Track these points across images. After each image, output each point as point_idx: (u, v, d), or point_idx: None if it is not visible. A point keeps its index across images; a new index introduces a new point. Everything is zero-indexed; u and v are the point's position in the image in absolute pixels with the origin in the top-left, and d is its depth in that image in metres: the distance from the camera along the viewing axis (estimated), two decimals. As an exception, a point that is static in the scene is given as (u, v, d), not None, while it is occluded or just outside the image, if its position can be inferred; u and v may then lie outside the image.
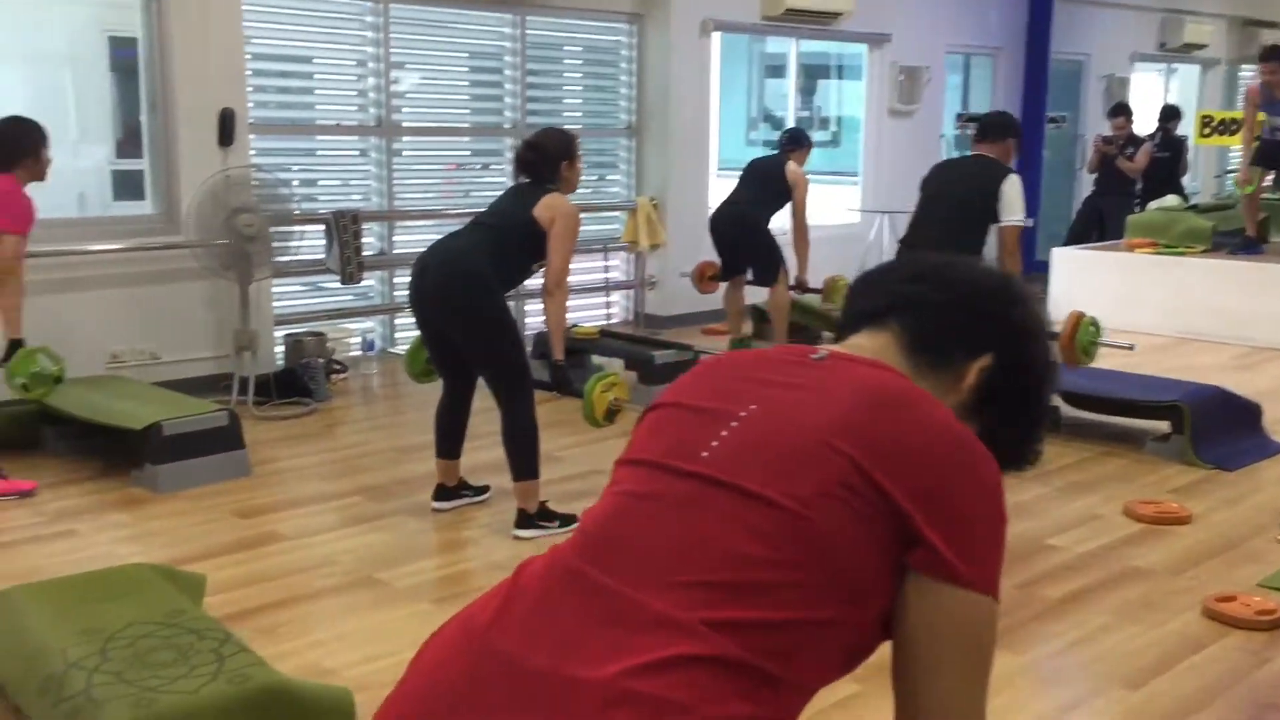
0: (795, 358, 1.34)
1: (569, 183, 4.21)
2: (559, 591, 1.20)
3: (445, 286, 4.01)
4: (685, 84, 8.02)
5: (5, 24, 6.13)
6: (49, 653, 2.61)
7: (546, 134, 4.32)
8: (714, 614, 1.13)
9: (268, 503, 4.49)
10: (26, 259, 4.55)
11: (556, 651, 1.14)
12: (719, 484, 1.21)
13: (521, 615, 1.19)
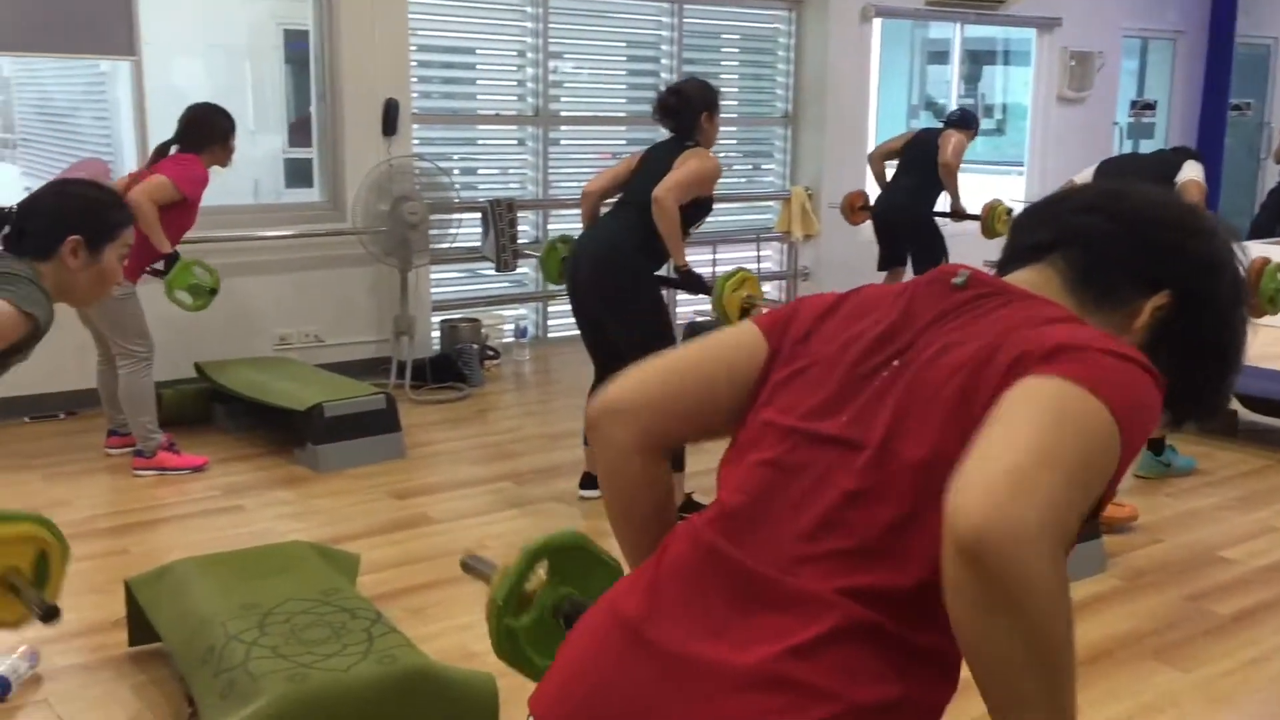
0: (940, 291, 1.23)
1: (707, 136, 4.14)
2: (704, 574, 1.17)
3: (597, 275, 4.02)
4: (843, 71, 7.87)
5: (192, 17, 6.42)
6: (211, 624, 2.72)
7: (690, 82, 4.26)
8: (850, 581, 1.09)
9: (421, 485, 4.60)
10: (208, 243, 4.73)
11: (706, 637, 1.12)
12: (859, 448, 1.14)
13: (669, 602, 1.17)
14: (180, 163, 4.53)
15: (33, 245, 2.21)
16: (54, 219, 2.23)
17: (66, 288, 2.24)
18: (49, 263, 2.21)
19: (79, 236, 2.22)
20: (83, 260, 2.23)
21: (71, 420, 5.27)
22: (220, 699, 2.50)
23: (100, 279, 2.29)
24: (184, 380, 5.25)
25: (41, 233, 2.21)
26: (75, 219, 2.23)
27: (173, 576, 3.03)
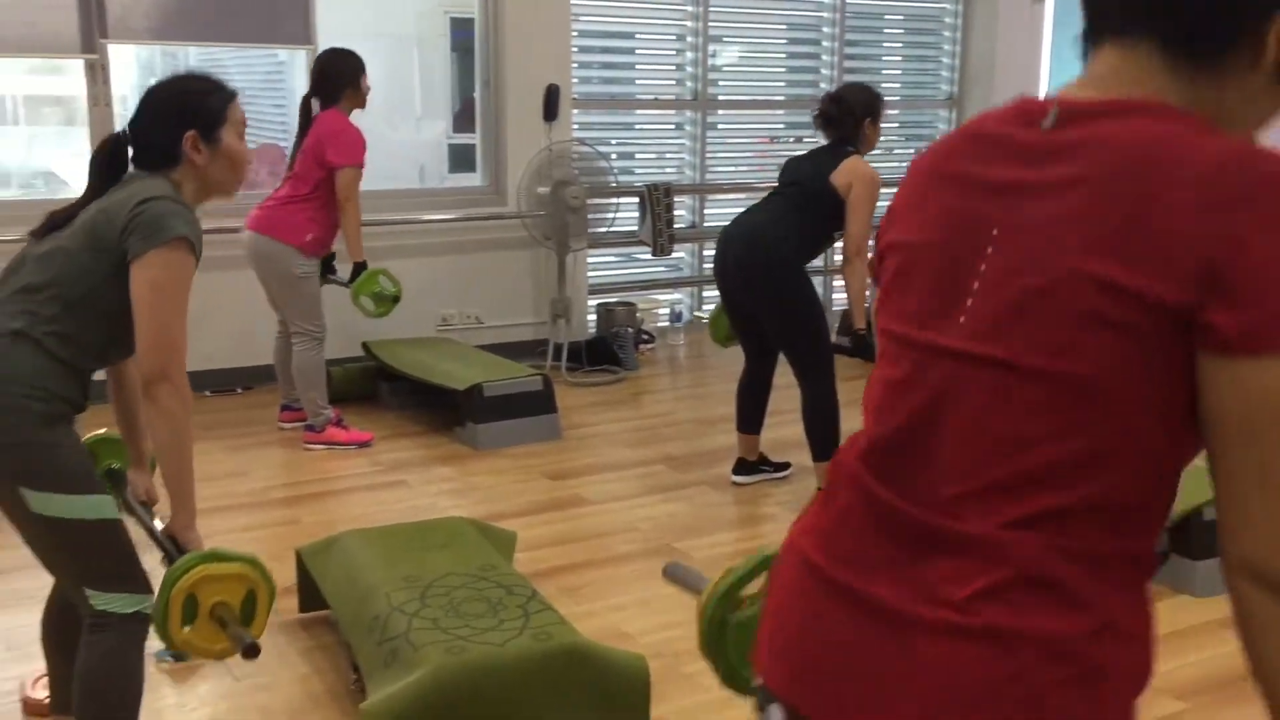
0: (1026, 139, 1.09)
1: (868, 142, 4.10)
2: (867, 518, 1.14)
3: (748, 263, 4.00)
4: (1013, 53, 7.62)
5: (365, 6, 6.63)
6: (376, 595, 2.82)
7: (850, 88, 4.20)
8: (1016, 513, 1.04)
9: (575, 466, 4.66)
10: (375, 227, 4.89)
11: (889, 581, 1.09)
12: (978, 360, 1.07)
13: (844, 547, 1.14)
14: (336, 136, 4.60)
15: (157, 157, 2.25)
16: (163, 125, 2.24)
17: (204, 184, 2.28)
18: (179, 168, 2.24)
19: (193, 131, 2.23)
20: (205, 152, 2.25)
21: (248, 394, 5.53)
22: (384, 667, 2.59)
23: (230, 163, 2.29)
24: (352, 359, 5.44)
25: (159, 142, 2.24)
26: (181, 117, 2.24)
27: (340, 547, 3.14)
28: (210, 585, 2.09)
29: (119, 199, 2.16)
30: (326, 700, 2.82)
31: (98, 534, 2.14)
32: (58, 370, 2.11)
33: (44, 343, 2.10)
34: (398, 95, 8.69)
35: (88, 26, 5.08)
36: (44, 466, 2.09)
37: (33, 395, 2.07)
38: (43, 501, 2.08)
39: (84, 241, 2.14)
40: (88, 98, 5.23)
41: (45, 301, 2.12)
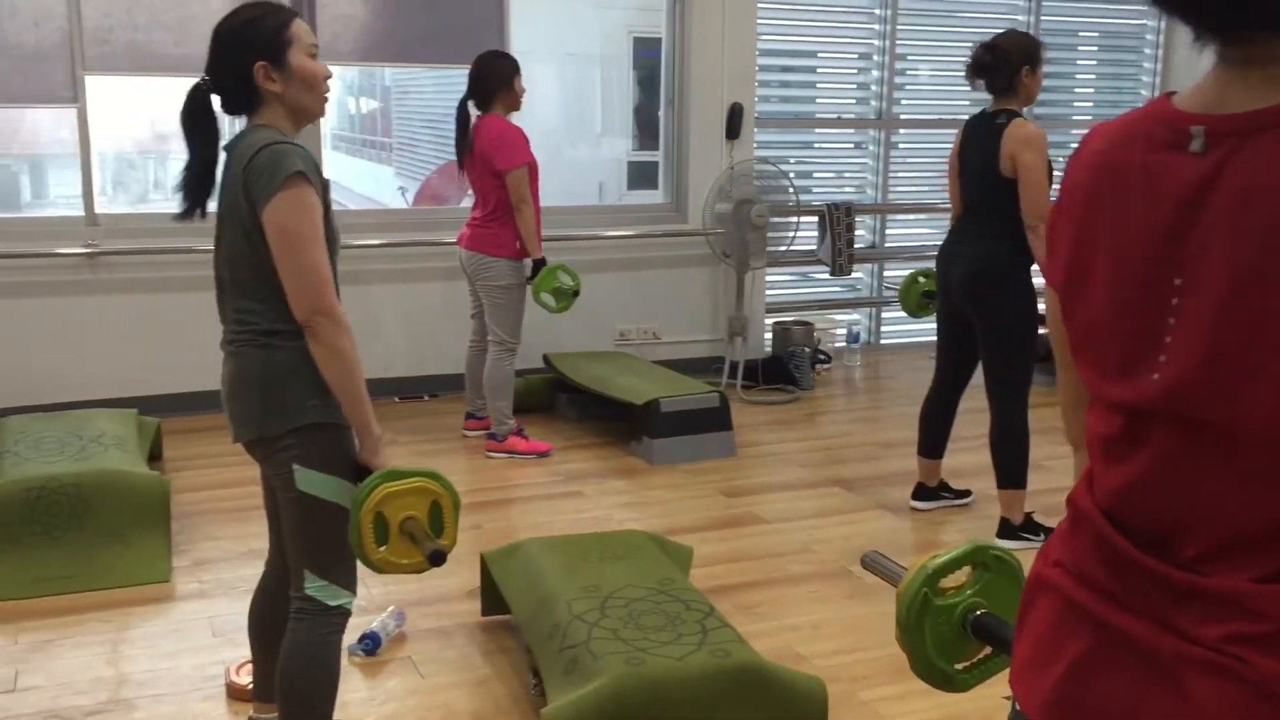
0: (1184, 171, 0.99)
1: (1027, 93, 3.88)
2: (1116, 564, 1.10)
3: (970, 282, 3.91)
4: (1217, 69, 7.26)
5: (548, 26, 6.80)
6: (557, 602, 2.87)
7: (1007, 34, 3.98)
8: (1264, 568, 0.98)
9: (750, 484, 4.65)
10: (557, 241, 4.99)
11: (1151, 623, 1.06)
12: (1190, 423, 0.99)
13: (1102, 584, 1.11)
14: (498, 142, 4.67)
15: (240, 96, 2.25)
16: (232, 63, 2.23)
17: (291, 110, 2.26)
18: (269, 105, 2.24)
19: (261, 61, 2.22)
20: (279, 80, 2.23)
21: (434, 402, 5.72)
22: (564, 674, 2.64)
23: (305, 83, 2.25)
24: (533, 370, 5.57)
25: (234, 83, 2.24)
26: (245, 49, 2.22)
27: (523, 553, 3.22)
28: (395, 501, 2.14)
29: (234, 162, 2.20)
30: (507, 703, 2.89)
31: (338, 520, 2.23)
32: (308, 362, 2.18)
33: (283, 341, 2.21)
34: (579, 114, 8.88)
35: (299, 49, 5.36)
36: (316, 445, 2.21)
37: (297, 389, 2.20)
38: (307, 479, 2.22)
39: (238, 232, 2.20)
40: (297, 116, 5.52)
41: (261, 303, 2.21)
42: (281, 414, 2.21)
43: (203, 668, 3.04)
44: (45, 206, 6.73)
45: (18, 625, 3.27)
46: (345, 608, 2.32)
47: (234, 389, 2.27)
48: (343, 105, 11.26)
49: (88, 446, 4.00)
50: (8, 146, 6.82)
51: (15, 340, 5.10)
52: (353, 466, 2.26)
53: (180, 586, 3.57)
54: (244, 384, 2.24)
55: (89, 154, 5.15)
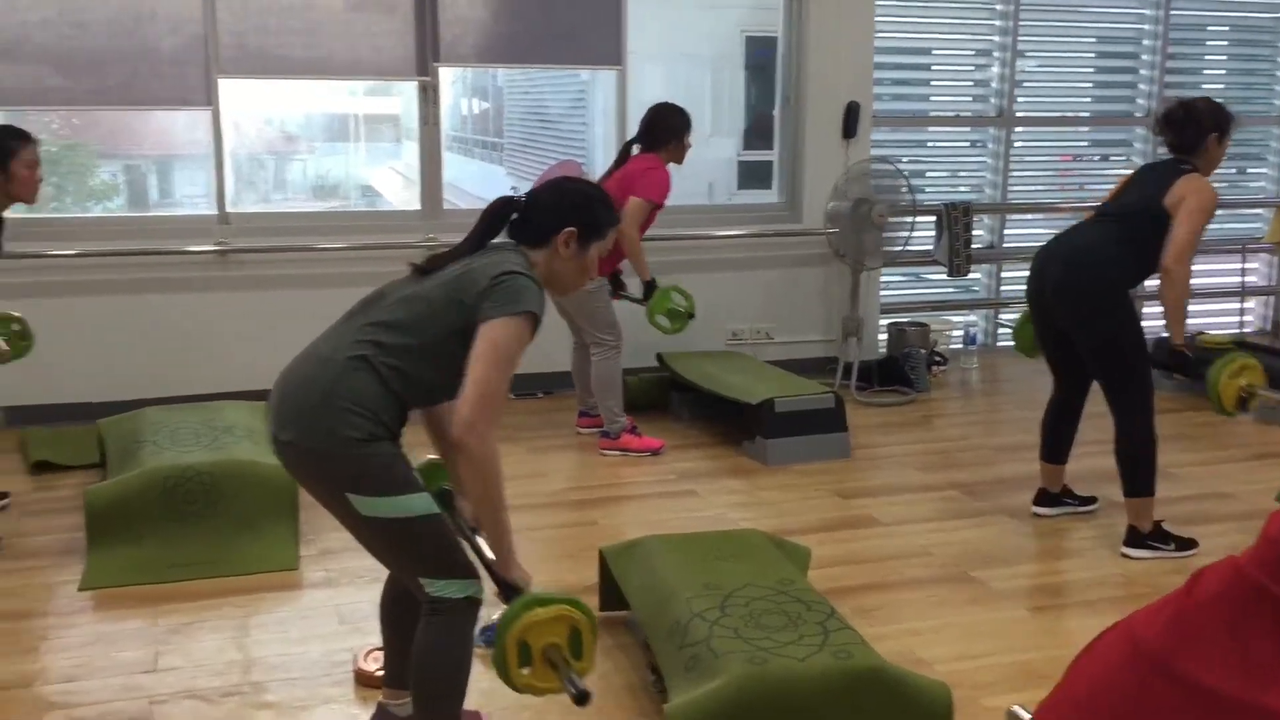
0: None
1: (1210, 159, 3.82)
2: (1247, 612, 1.09)
3: (1066, 287, 3.83)
4: (1359, 63, 6.97)
5: (668, 29, 6.82)
6: (677, 600, 2.88)
7: (1204, 99, 3.89)
8: None
9: (865, 486, 4.61)
10: (667, 241, 5.05)
11: (1236, 675, 1.04)
12: None
13: (1198, 635, 1.10)
14: (647, 173, 4.79)
15: (533, 232, 2.43)
16: (556, 211, 2.43)
17: (553, 275, 2.45)
18: (542, 250, 2.42)
19: (574, 229, 2.42)
20: (572, 251, 2.43)
21: (547, 399, 5.79)
22: (684, 672, 2.65)
23: (582, 271, 2.48)
24: (646, 369, 5.60)
25: (543, 222, 2.43)
26: (574, 213, 2.43)
27: (641, 550, 3.24)
28: (538, 629, 2.20)
29: (485, 264, 2.34)
30: (626, 698, 2.91)
31: (421, 529, 2.30)
32: (386, 398, 2.28)
33: (381, 372, 2.28)
34: (690, 112, 8.88)
35: (422, 51, 5.48)
36: (366, 474, 2.26)
37: (359, 414, 2.24)
38: (369, 505, 2.26)
39: (444, 296, 2.32)
40: (419, 117, 5.64)
41: (395, 339, 2.30)
42: (325, 430, 2.24)
43: (330, 654, 3.12)
44: (171, 206, 6.97)
45: (156, 608, 3.40)
46: (474, 596, 2.36)
47: (296, 387, 2.30)
48: (455, 106, 11.46)
49: (220, 437, 4.14)
50: (138, 148, 7.08)
51: (152, 333, 5.31)
52: (404, 480, 2.29)
53: (308, 574, 3.67)
54: (307, 386, 2.28)
55: (221, 155, 5.33)
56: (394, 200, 7.81)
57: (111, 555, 3.67)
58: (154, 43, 5.14)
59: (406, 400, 2.32)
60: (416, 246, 5.52)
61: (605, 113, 6.75)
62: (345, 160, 8.57)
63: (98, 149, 6.59)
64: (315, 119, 7.99)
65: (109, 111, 5.70)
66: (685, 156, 4.96)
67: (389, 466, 2.27)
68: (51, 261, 5.09)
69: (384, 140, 8.37)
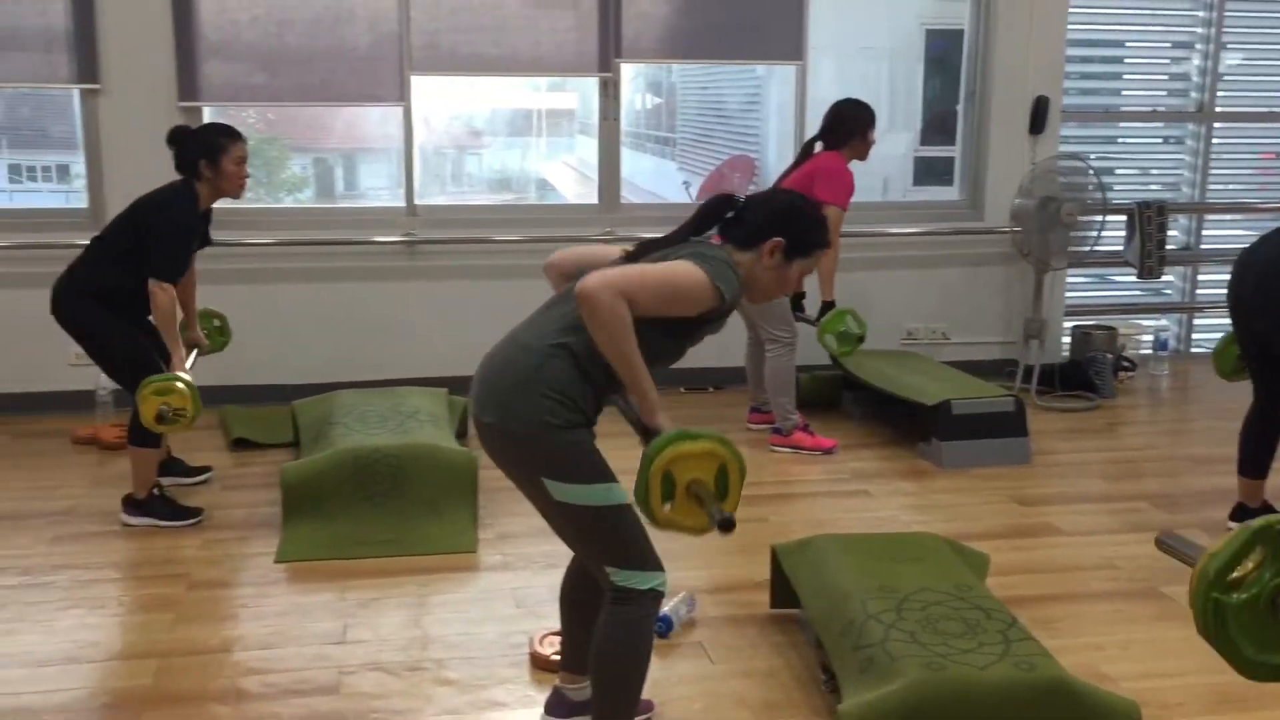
0: None
1: None
2: None
3: (1265, 292, 3.63)
4: None
5: (847, 22, 6.73)
6: (851, 600, 2.86)
7: None
8: None
9: (1046, 494, 4.47)
10: (841, 236, 4.97)
11: None
12: None
13: None
14: (831, 175, 4.72)
15: (742, 234, 2.44)
16: (771, 218, 2.43)
17: (751, 280, 2.45)
18: (747, 254, 2.43)
19: (783, 240, 2.42)
20: (775, 262, 2.43)
21: (718, 394, 5.80)
22: (859, 673, 2.62)
23: (780, 283, 2.47)
24: (820, 366, 5.55)
25: (756, 226, 2.43)
26: (787, 225, 2.43)
27: (814, 549, 3.22)
28: (684, 463, 2.19)
29: (687, 254, 2.35)
30: (798, 696, 2.90)
31: (612, 518, 2.33)
32: (584, 387, 2.32)
33: (580, 360, 2.31)
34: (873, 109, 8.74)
35: (605, 47, 5.56)
36: (561, 460, 2.30)
37: (558, 400, 2.29)
38: (563, 491, 2.31)
39: None
40: (598, 112, 5.73)
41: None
42: (524, 415, 2.28)
43: (507, 636, 3.21)
44: (355, 198, 7.25)
45: (345, 583, 3.56)
46: (658, 589, 2.38)
47: (498, 372, 2.35)
48: (630, 102, 11.56)
49: (406, 422, 4.30)
50: (326, 142, 7.39)
51: (342, 320, 5.55)
52: (599, 469, 2.32)
53: (485, 558, 3.78)
54: (509, 371, 2.33)
55: (411, 149, 5.53)
56: (567, 194, 7.94)
57: (304, 530, 3.85)
58: (352, 42, 5.36)
59: (602, 389, 2.36)
60: (594, 240, 5.62)
61: (780, 108, 6.71)
62: (520, 154, 8.76)
63: (289, 143, 6.90)
64: (493, 114, 8.19)
65: (305, 107, 5.96)
66: (869, 153, 4.89)
67: (585, 454, 2.32)
68: (249, 250, 5.37)
69: (559, 135, 8.51)
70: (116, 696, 2.86)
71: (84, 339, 3.94)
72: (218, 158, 3.94)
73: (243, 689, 2.90)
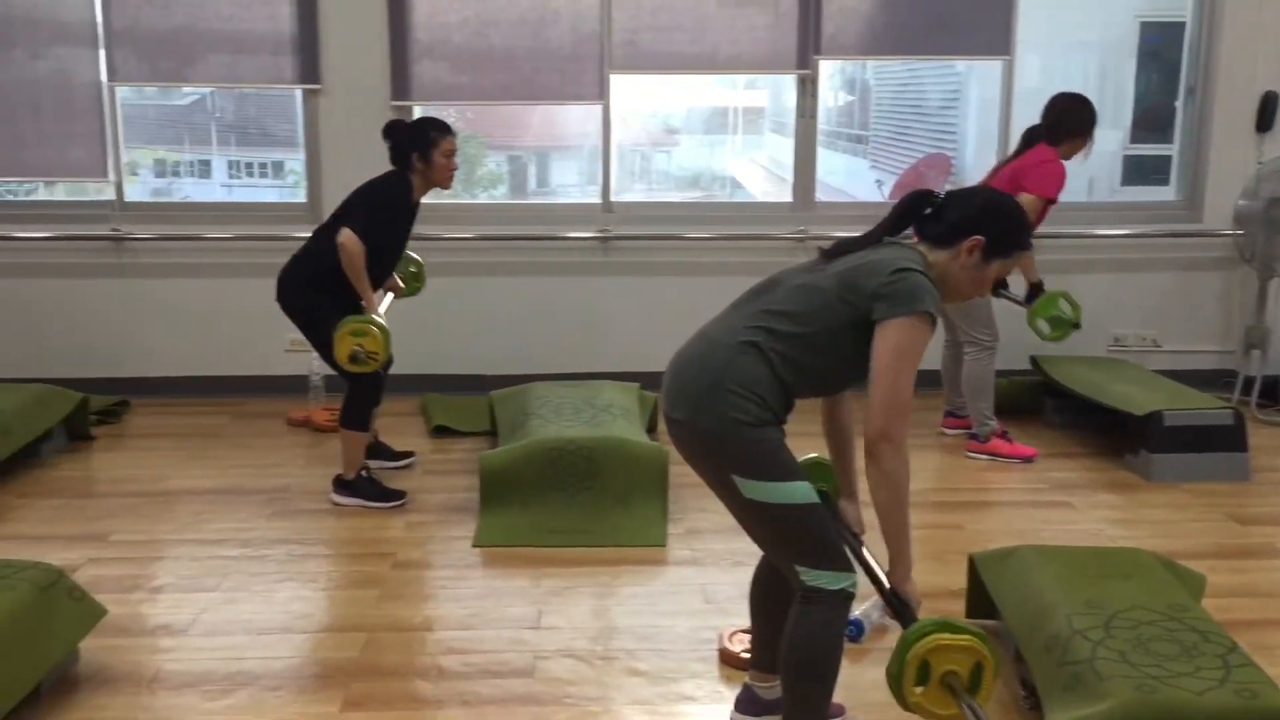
0: None
1: None
2: None
3: None
4: None
5: (1056, 16, 6.49)
6: (1055, 615, 2.75)
7: None
8: None
9: (1267, 513, 4.20)
10: (1044, 239, 4.80)
11: None
12: None
13: None
14: (1040, 166, 4.56)
15: (940, 232, 2.37)
16: (972, 216, 2.36)
17: (947, 279, 2.37)
18: (945, 251, 2.36)
19: (983, 239, 2.34)
20: (974, 261, 2.36)
21: (920, 398, 5.66)
22: (1063, 690, 2.52)
23: (977, 283, 2.40)
24: (1019, 371, 5.37)
25: (955, 224, 2.36)
26: (988, 223, 2.35)
27: (1016, 560, 3.11)
28: (943, 654, 2.16)
29: (881, 259, 2.32)
30: (995, 710, 2.81)
31: (800, 516, 2.32)
32: (774, 385, 2.31)
33: (770, 358, 2.31)
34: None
35: (804, 44, 5.52)
36: (750, 457, 2.30)
37: (747, 397, 2.29)
38: (752, 488, 2.30)
39: (837, 287, 2.31)
40: (795, 110, 5.70)
41: (786, 326, 2.32)
42: (715, 412, 2.29)
43: (696, 631, 3.22)
44: (547, 194, 7.40)
45: (538, 570, 3.64)
46: (848, 590, 2.35)
47: (688, 368, 2.37)
48: (822, 99, 11.45)
49: (599, 415, 4.37)
50: (520, 139, 7.57)
51: (538, 313, 5.68)
52: (789, 467, 2.30)
53: (674, 552, 3.80)
54: (698, 369, 2.35)
55: (609, 147, 5.61)
56: (755, 192, 7.92)
57: (500, 517, 3.96)
58: (555, 42, 5.48)
59: (794, 388, 2.34)
60: (786, 238, 5.58)
61: (981, 105, 6.53)
62: (709, 152, 8.78)
63: (484, 141, 7.11)
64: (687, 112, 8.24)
65: (507, 106, 6.11)
66: (1089, 153, 4.69)
67: (774, 452, 2.31)
68: (449, 244, 5.55)
69: (748, 133, 8.50)
70: (326, 667, 3.00)
71: (303, 323, 4.16)
72: (429, 150, 4.09)
73: (443, 667, 3.00)
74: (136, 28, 5.38)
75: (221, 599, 3.40)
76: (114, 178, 5.57)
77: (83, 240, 5.56)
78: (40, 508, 4.17)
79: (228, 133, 7.01)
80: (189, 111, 6.97)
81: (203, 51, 5.43)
